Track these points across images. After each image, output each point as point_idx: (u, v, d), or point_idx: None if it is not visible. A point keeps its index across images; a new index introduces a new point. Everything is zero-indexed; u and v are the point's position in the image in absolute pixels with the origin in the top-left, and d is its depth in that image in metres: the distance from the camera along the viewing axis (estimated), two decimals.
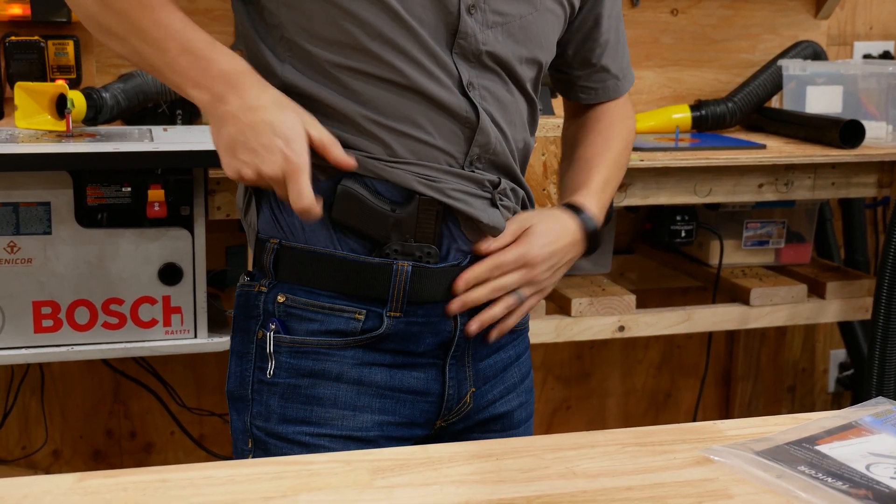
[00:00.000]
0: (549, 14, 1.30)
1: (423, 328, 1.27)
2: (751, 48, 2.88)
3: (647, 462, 0.99)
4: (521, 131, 1.32)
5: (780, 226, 2.61)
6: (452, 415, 1.33)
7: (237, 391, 1.30)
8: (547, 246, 1.29)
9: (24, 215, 1.91)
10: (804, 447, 1.01)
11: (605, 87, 1.46)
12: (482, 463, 0.99)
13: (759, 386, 3.15)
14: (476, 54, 1.23)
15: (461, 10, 1.21)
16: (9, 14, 2.26)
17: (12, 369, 2.52)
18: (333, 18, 1.18)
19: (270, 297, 1.27)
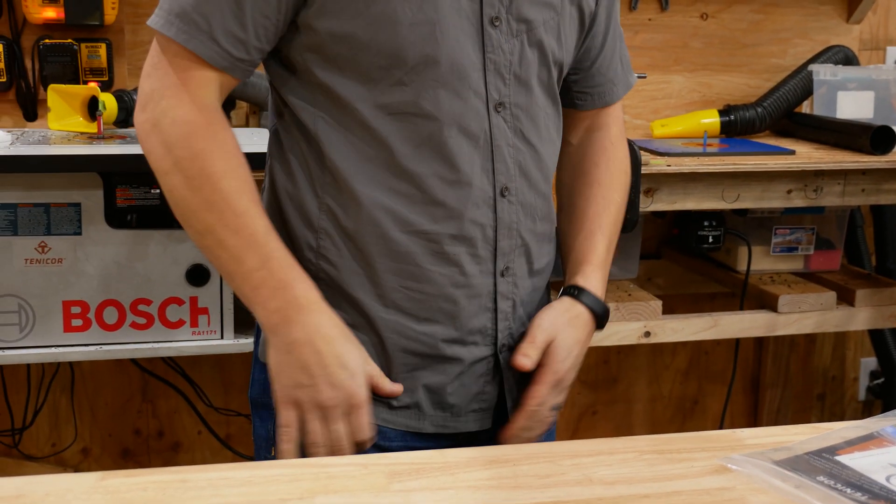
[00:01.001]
0: (568, 17, 1.30)
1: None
2: (781, 53, 2.86)
3: (664, 470, 0.99)
4: (551, 143, 1.31)
5: (809, 232, 2.59)
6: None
7: (261, 398, 1.31)
8: (570, 356, 1.30)
9: (54, 216, 1.93)
10: (824, 457, 1.01)
11: (600, 91, 1.43)
12: (499, 468, 0.99)
13: (787, 393, 3.12)
14: (507, 66, 1.23)
15: (484, 24, 1.20)
16: (43, 17, 2.28)
17: (43, 367, 2.55)
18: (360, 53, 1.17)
19: None
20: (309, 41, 1.18)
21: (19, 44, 2.33)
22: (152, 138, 1.16)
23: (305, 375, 1.15)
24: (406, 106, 1.18)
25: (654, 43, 2.77)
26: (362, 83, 1.18)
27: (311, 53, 1.19)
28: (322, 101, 1.20)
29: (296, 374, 1.15)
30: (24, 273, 1.93)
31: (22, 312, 1.95)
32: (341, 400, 1.15)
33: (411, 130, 1.19)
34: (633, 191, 2.13)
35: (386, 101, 1.18)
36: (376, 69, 1.17)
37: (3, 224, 1.91)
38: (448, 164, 1.20)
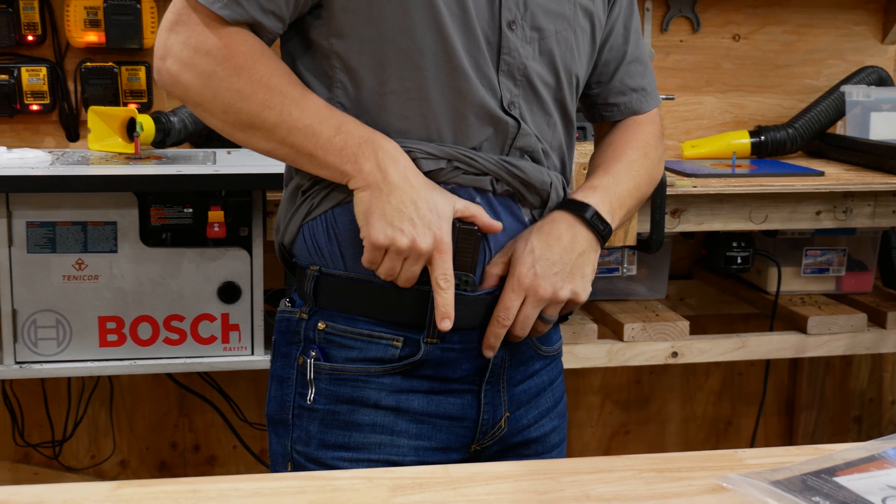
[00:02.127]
0: (580, 29, 1.33)
1: (459, 354, 1.29)
2: (815, 73, 2.87)
3: (661, 488, 1.01)
4: (553, 158, 1.35)
5: (840, 253, 2.59)
6: (487, 439, 1.35)
7: (277, 415, 1.34)
8: (537, 262, 1.26)
9: (91, 234, 1.99)
10: (822, 478, 1.02)
11: (628, 101, 1.45)
12: (500, 484, 1.02)
13: (823, 416, 3.10)
14: (521, 70, 1.27)
15: (502, 25, 1.25)
16: (85, 41, 2.36)
17: (83, 381, 2.62)
18: (380, 41, 1.22)
19: (311, 324, 1.30)
20: (332, 21, 1.23)
21: (62, 67, 2.41)
22: (186, 75, 1.21)
23: (402, 217, 1.19)
24: (422, 92, 1.23)
25: (686, 64, 2.79)
26: (381, 67, 1.23)
27: (334, 36, 1.23)
28: (339, 81, 1.25)
29: (393, 218, 1.19)
30: (61, 289, 2.00)
31: (59, 327, 2.01)
32: (431, 244, 1.20)
33: (425, 113, 1.24)
34: (658, 211, 2.15)
35: (402, 87, 1.23)
36: (398, 53, 1.22)
37: (43, 241, 1.97)
38: (463, 138, 1.26)
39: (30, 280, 1.98)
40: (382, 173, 1.20)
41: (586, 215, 1.30)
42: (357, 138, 1.21)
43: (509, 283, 1.27)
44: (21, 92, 2.36)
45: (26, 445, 2.63)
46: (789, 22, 2.82)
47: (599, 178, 1.37)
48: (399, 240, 1.18)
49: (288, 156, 1.24)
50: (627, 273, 2.44)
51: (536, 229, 1.29)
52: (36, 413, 2.63)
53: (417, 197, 1.20)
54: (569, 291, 1.28)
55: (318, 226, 1.29)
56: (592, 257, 1.31)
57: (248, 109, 1.21)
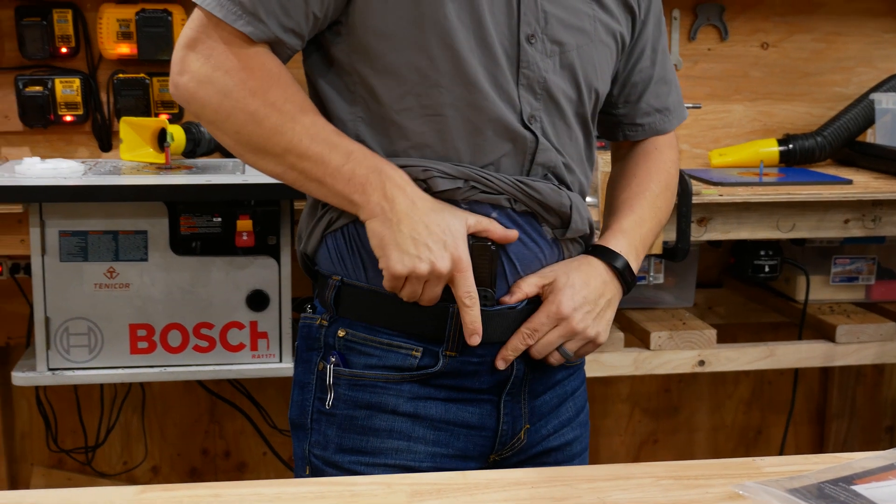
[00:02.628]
0: (602, 45, 1.34)
1: (478, 367, 1.30)
2: (845, 81, 2.85)
3: (678, 495, 1.02)
4: (576, 172, 1.36)
5: (870, 262, 2.57)
6: (506, 450, 1.36)
7: (298, 419, 1.36)
8: (576, 296, 1.30)
9: (122, 243, 2.03)
10: (839, 486, 1.02)
11: (652, 122, 1.48)
12: (517, 490, 1.03)
13: (854, 425, 3.08)
14: (541, 83, 1.28)
15: (521, 39, 1.26)
16: (117, 53, 2.40)
17: (115, 388, 2.66)
18: (398, 56, 1.23)
19: (331, 331, 1.32)
20: (352, 38, 1.25)
21: (95, 78, 2.45)
22: (203, 92, 1.22)
23: (416, 243, 1.20)
24: (438, 108, 1.24)
25: (714, 73, 2.78)
26: (399, 84, 1.24)
27: (354, 53, 1.25)
28: (360, 97, 1.27)
29: (408, 246, 1.20)
30: (93, 297, 2.03)
31: (91, 335, 2.04)
32: (449, 265, 1.21)
33: (442, 129, 1.25)
34: (684, 220, 2.14)
35: (419, 104, 1.24)
36: (414, 70, 1.23)
37: (75, 250, 2.01)
38: (481, 154, 1.27)
39: (62, 288, 2.02)
40: (390, 203, 1.21)
41: (617, 266, 1.36)
42: (365, 168, 1.22)
43: (546, 307, 1.29)
44: (55, 103, 2.40)
45: (60, 451, 2.67)
46: (818, 30, 2.81)
47: (626, 219, 1.41)
48: (418, 267, 1.20)
49: (297, 181, 1.25)
50: (654, 282, 2.44)
51: (574, 268, 1.33)
52: (69, 419, 2.67)
53: (429, 221, 1.21)
54: (594, 332, 1.32)
55: (341, 237, 1.30)
56: (615, 305, 1.37)
57: (259, 133, 1.22)
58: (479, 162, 1.27)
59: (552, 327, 1.30)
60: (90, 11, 2.42)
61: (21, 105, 2.39)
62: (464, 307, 1.23)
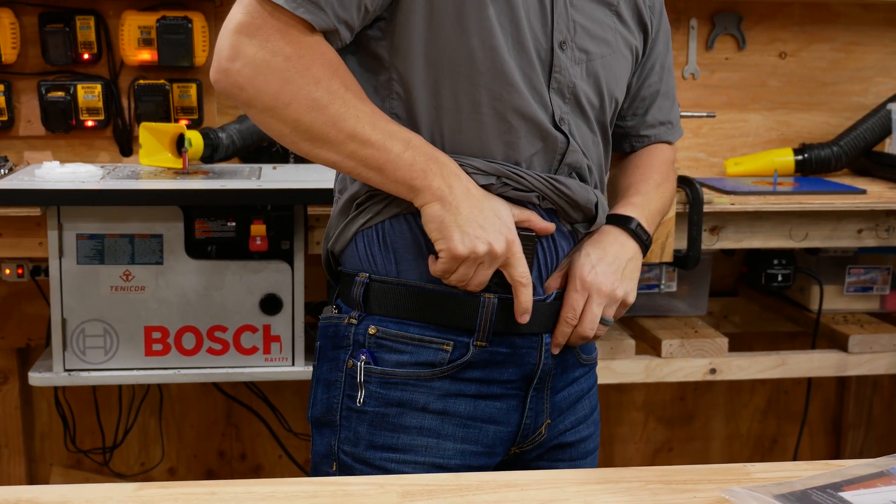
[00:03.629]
0: (621, 57, 1.40)
1: (507, 358, 1.34)
2: (863, 91, 2.84)
3: (665, 500, 1.03)
4: (596, 176, 1.40)
5: (885, 272, 2.56)
6: (527, 443, 1.39)
7: (324, 417, 1.38)
8: (596, 263, 1.35)
9: (138, 246, 2.06)
10: (827, 493, 1.03)
11: (657, 133, 1.55)
12: (507, 492, 1.04)
13: (871, 435, 3.07)
14: (570, 88, 1.32)
15: (554, 45, 1.30)
16: (138, 59, 2.44)
17: (133, 389, 2.69)
18: (439, 53, 1.27)
19: (361, 329, 1.34)
20: (394, 35, 1.27)
21: (117, 84, 2.49)
22: (261, 79, 1.20)
23: (475, 225, 1.24)
24: (475, 106, 1.28)
25: (731, 82, 2.79)
26: (437, 80, 1.27)
27: (394, 49, 1.28)
28: (396, 93, 1.29)
29: (468, 228, 1.24)
30: (109, 299, 2.06)
31: (107, 336, 2.08)
32: (504, 247, 1.26)
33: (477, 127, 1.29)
34: (695, 228, 2.15)
35: (456, 101, 1.28)
36: (454, 68, 1.27)
37: (92, 253, 2.04)
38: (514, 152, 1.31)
39: (79, 290, 2.05)
40: (449, 188, 1.25)
41: (631, 226, 1.41)
42: (424, 156, 1.25)
43: (572, 284, 1.35)
44: (77, 108, 2.44)
45: (78, 451, 2.71)
46: (837, 39, 2.81)
47: (634, 197, 1.47)
48: (479, 247, 1.24)
49: (354, 169, 1.26)
50: (666, 289, 2.45)
51: (588, 241, 1.39)
52: (88, 420, 2.71)
53: (483, 207, 1.26)
54: (623, 291, 1.38)
55: (374, 235, 1.34)
56: (638, 264, 1.42)
57: (322, 120, 1.22)
58: (511, 159, 1.31)
59: (586, 299, 1.34)
60: (112, 18, 2.46)
61: (43, 110, 2.43)
62: (520, 286, 1.28)
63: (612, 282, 1.36)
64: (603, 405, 3.03)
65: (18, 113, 2.48)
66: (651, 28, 1.46)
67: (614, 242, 1.39)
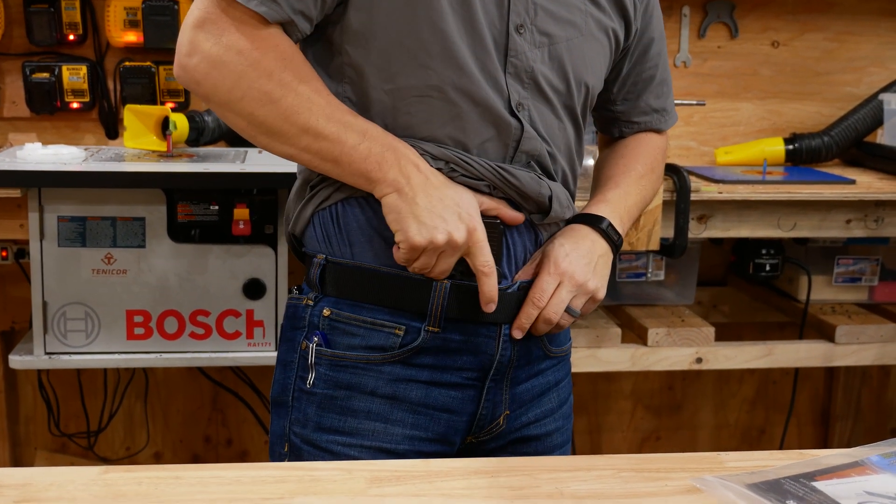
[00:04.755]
0: (594, 40, 1.36)
1: (461, 345, 1.32)
2: (856, 81, 2.83)
3: (637, 487, 1.02)
4: (561, 162, 1.36)
5: (874, 263, 2.55)
6: (483, 433, 1.37)
7: (279, 397, 1.38)
8: (569, 253, 1.34)
9: (120, 229, 2.04)
10: (800, 482, 1.02)
11: (648, 121, 1.52)
12: (477, 479, 1.03)
13: (859, 426, 3.06)
14: (528, 72, 1.30)
15: (510, 28, 1.28)
16: (124, 41, 2.42)
17: (119, 373, 2.68)
18: (391, 38, 1.25)
19: (316, 311, 1.34)
20: (345, 20, 1.26)
21: (102, 66, 2.47)
22: (216, 73, 1.20)
23: (433, 215, 1.22)
24: (426, 90, 1.26)
25: (723, 70, 2.77)
26: (389, 64, 1.26)
27: (346, 33, 1.26)
28: (348, 76, 1.28)
29: (425, 217, 1.22)
30: (91, 283, 2.05)
31: (88, 320, 2.06)
32: (465, 237, 1.24)
33: (428, 111, 1.27)
34: (682, 216, 2.14)
35: (407, 85, 1.26)
36: (404, 52, 1.25)
37: (73, 236, 2.03)
38: (465, 138, 1.29)
39: (60, 273, 2.04)
40: (406, 178, 1.23)
41: (602, 226, 1.40)
42: (381, 146, 1.24)
43: (545, 268, 1.34)
44: (62, 90, 2.43)
45: (62, 435, 2.70)
46: (830, 29, 2.79)
47: (611, 191, 1.45)
48: (437, 237, 1.22)
49: (311, 161, 1.26)
50: (654, 278, 2.44)
51: (560, 234, 1.38)
52: (72, 404, 2.70)
53: (443, 194, 1.24)
54: (594, 284, 1.36)
55: (328, 217, 1.33)
56: (608, 262, 1.41)
57: (275, 114, 1.22)
58: (461, 145, 1.29)
59: (557, 285, 1.33)
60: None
61: (28, 91, 2.41)
62: (483, 276, 1.26)
63: (585, 273, 1.34)
64: (590, 394, 3.03)
65: (3, 94, 2.46)
66: (634, 12, 1.42)
67: (585, 238, 1.38)
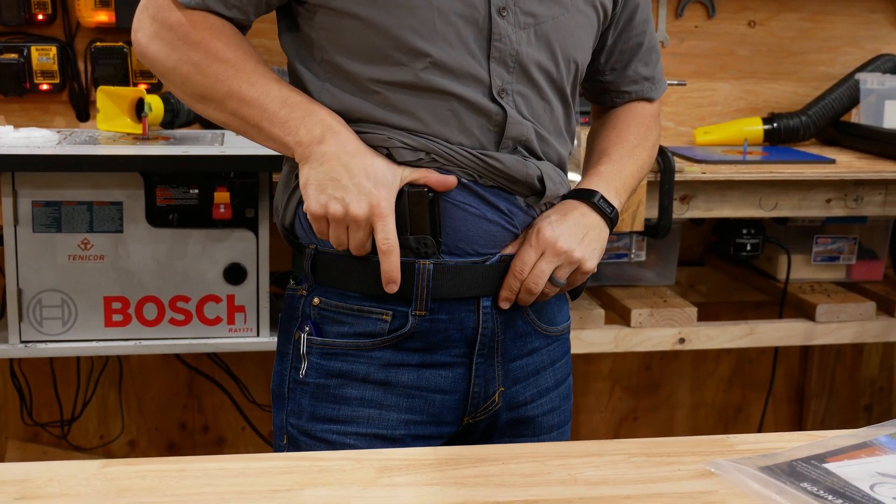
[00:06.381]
0: (580, 15, 1.33)
1: (447, 325, 1.30)
2: (831, 61, 2.83)
3: (650, 472, 1.01)
4: (552, 143, 1.34)
5: (851, 242, 2.56)
6: (480, 412, 1.35)
7: (277, 389, 1.37)
8: (554, 224, 1.32)
9: (97, 214, 2.00)
10: (812, 464, 1.01)
11: (639, 89, 1.50)
12: (487, 466, 1.01)
13: (833, 403, 3.09)
14: (513, 56, 1.27)
15: (492, 12, 1.25)
16: (95, 21, 2.36)
17: (92, 361, 2.64)
18: (365, 34, 1.23)
19: (308, 301, 1.33)
20: (315, 15, 1.26)
21: (73, 46, 2.42)
22: (153, 47, 1.28)
23: (333, 184, 1.22)
24: (405, 81, 1.24)
25: (701, 50, 2.77)
26: (362, 61, 1.25)
27: (320, 29, 1.26)
28: (328, 70, 1.28)
29: (326, 186, 1.22)
30: (67, 269, 2.00)
31: (65, 307, 2.02)
32: (366, 210, 1.21)
33: (409, 101, 1.25)
34: (666, 197, 2.13)
35: (387, 76, 1.24)
36: (378, 47, 1.23)
37: (48, 221, 1.98)
38: (447, 127, 1.27)
39: (35, 259, 1.99)
40: (319, 144, 1.23)
41: (594, 200, 1.37)
42: (301, 112, 1.24)
43: (528, 239, 1.32)
44: (31, 71, 2.37)
45: (35, 425, 2.65)
46: (805, 9, 2.79)
47: (604, 165, 1.43)
48: (332, 207, 1.22)
49: (240, 128, 1.29)
50: (636, 259, 2.43)
51: (551, 210, 1.36)
52: (45, 392, 2.65)
53: (352, 164, 1.22)
54: (581, 253, 1.33)
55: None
56: (601, 234, 1.37)
57: (202, 82, 1.26)
58: (444, 135, 1.26)
59: (539, 255, 1.30)
60: None
61: None
62: (381, 254, 1.24)
63: (570, 242, 1.31)
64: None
65: None
66: None
67: (574, 210, 1.35)
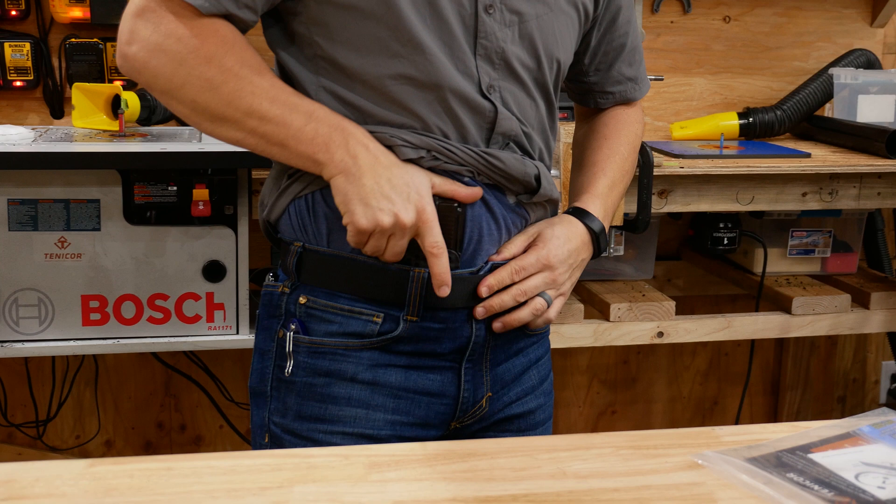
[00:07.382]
0: (563, 15, 1.34)
1: (440, 333, 1.30)
2: (804, 56, 2.86)
3: (638, 465, 1.01)
4: (537, 140, 1.35)
5: (826, 235, 2.59)
6: (467, 417, 1.35)
7: (258, 387, 1.35)
8: (563, 247, 1.33)
9: (74, 212, 1.98)
10: (797, 455, 1.02)
11: (622, 90, 1.50)
12: (476, 461, 1.02)
13: (807, 395, 3.12)
14: (499, 53, 1.27)
15: (479, 10, 1.25)
16: (70, 17, 2.34)
17: (67, 360, 2.62)
18: (364, 25, 1.22)
19: (293, 298, 1.31)
20: (309, 11, 1.24)
21: (46, 43, 2.39)
22: (156, 61, 1.19)
23: (379, 196, 1.19)
24: (399, 79, 1.23)
25: (676, 45, 2.78)
26: (360, 54, 1.23)
27: (313, 25, 1.24)
28: (322, 67, 1.25)
29: (370, 199, 1.19)
30: (44, 267, 1.99)
31: (42, 306, 2.00)
32: (414, 217, 1.20)
33: (405, 99, 1.24)
34: (645, 192, 2.14)
35: (380, 73, 1.23)
36: (373, 42, 1.22)
37: (24, 219, 1.96)
38: (443, 123, 1.26)
39: (11, 258, 1.97)
40: (353, 158, 1.20)
41: (595, 228, 1.39)
42: (327, 126, 1.21)
43: (536, 251, 1.31)
44: (4, 68, 2.34)
45: (9, 425, 2.63)
46: (779, 4, 2.82)
47: (600, 182, 1.44)
48: (382, 219, 1.19)
49: (258, 146, 1.23)
50: (615, 253, 2.44)
51: (557, 223, 1.36)
52: (19, 392, 2.63)
53: (392, 175, 1.21)
54: (566, 287, 1.36)
55: (303, 205, 1.29)
56: (583, 268, 1.40)
57: (217, 99, 1.19)
58: (441, 132, 1.26)
59: (537, 272, 1.31)
60: None
61: None
62: (431, 258, 1.22)
63: (565, 275, 1.34)
64: None
65: None
66: None
67: (578, 238, 1.36)
